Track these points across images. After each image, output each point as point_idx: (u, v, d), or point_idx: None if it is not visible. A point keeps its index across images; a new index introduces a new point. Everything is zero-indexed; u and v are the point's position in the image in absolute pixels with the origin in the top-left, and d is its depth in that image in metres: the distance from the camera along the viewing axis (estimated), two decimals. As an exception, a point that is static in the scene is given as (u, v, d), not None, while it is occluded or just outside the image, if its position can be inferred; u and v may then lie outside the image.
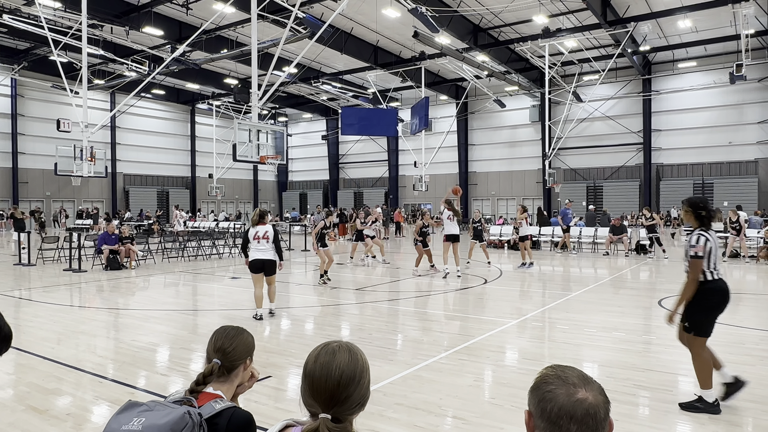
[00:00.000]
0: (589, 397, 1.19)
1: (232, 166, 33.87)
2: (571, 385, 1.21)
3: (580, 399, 1.19)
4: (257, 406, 4.41)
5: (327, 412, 1.43)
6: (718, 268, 4.50)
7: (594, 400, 1.19)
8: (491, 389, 5.11)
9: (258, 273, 8.15)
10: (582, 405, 1.18)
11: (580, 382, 1.22)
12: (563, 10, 25.94)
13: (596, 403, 1.19)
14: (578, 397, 1.19)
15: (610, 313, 8.59)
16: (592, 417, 1.17)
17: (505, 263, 16.31)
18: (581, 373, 1.26)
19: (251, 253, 8.17)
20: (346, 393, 1.44)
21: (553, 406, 1.19)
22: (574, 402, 1.18)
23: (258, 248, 8.12)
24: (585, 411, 1.18)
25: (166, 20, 26.33)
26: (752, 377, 5.36)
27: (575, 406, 1.18)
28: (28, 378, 5.37)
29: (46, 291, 11.02)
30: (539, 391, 1.24)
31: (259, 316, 8.13)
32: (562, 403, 1.18)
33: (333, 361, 1.46)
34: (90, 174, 18.87)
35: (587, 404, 1.18)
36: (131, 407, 1.67)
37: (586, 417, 1.17)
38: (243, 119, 15.91)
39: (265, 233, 8.14)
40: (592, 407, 1.18)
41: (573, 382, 1.22)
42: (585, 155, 38.34)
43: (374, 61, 31.74)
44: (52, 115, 33.02)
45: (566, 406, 1.18)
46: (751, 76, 30.09)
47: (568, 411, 1.18)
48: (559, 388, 1.21)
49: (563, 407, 1.18)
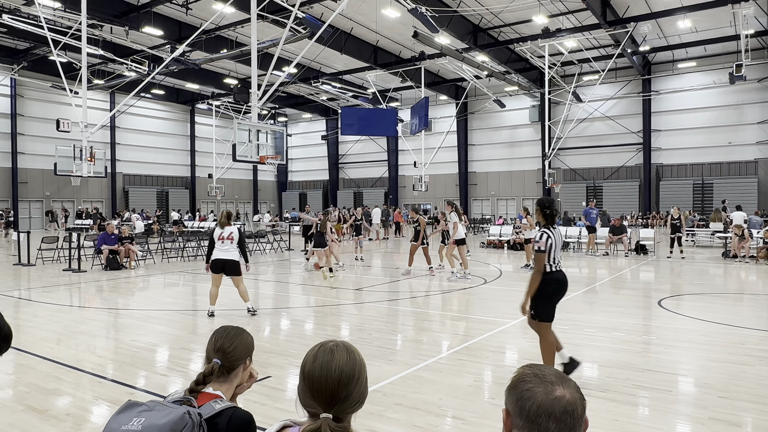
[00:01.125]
0: (566, 395, 1.20)
1: (232, 166, 33.86)
2: (548, 383, 1.22)
3: (558, 397, 1.19)
4: (257, 406, 4.41)
5: (328, 412, 1.43)
6: (558, 261, 5.08)
7: (571, 397, 1.20)
8: (491, 389, 5.11)
9: (218, 273, 8.28)
10: (560, 403, 1.19)
11: (557, 380, 1.23)
12: (563, 11, 25.93)
13: (574, 401, 1.20)
14: (556, 395, 1.19)
15: (609, 313, 8.59)
16: (569, 415, 1.18)
17: (504, 263, 16.31)
18: (557, 371, 1.27)
19: (215, 252, 8.30)
20: (346, 391, 1.45)
21: (531, 404, 1.19)
22: (552, 400, 1.19)
23: (221, 248, 8.25)
24: (563, 409, 1.18)
25: (165, 20, 26.32)
26: (752, 377, 5.37)
27: (553, 404, 1.18)
28: (28, 378, 5.37)
29: (46, 291, 11.02)
30: (517, 389, 1.24)
31: (211, 312, 8.35)
32: (541, 401, 1.19)
33: (332, 361, 1.47)
34: (89, 174, 18.85)
35: (565, 402, 1.19)
36: (131, 407, 1.66)
37: (564, 415, 1.18)
38: (243, 119, 15.90)
39: (230, 234, 8.27)
40: (569, 405, 1.19)
41: (550, 380, 1.23)
42: (585, 155, 38.34)
43: (374, 61, 31.73)
44: (51, 115, 32.99)
45: (545, 404, 1.18)
46: (750, 77, 30.08)
47: (547, 409, 1.18)
48: (537, 386, 1.21)
49: (542, 405, 1.18)
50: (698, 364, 5.93)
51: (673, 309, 8.85)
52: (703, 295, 10.63)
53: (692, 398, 4.92)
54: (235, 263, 8.24)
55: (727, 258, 16.68)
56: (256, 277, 13.55)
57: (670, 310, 8.77)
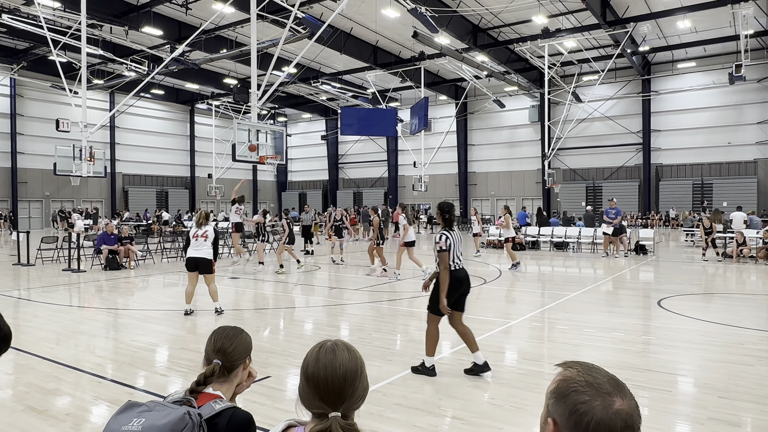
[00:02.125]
0: (625, 407, 1.09)
1: (232, 166, 33.87)
2: (606, 395, 1.10)
3: (618, 410, 1.08)
4: (256, 407, 4.41)
5: (336, 411, 1.45)
6: (459, 260, 5.58)
7: (629, 409, 1.10)
8: (490, 389, 5.11)
9: (192, 271, 8.44)
10: (620, 416, 1.08)
11: (614, 389, 1.11)
12: (563, 11, 25.94)
13: (632, 413, 1.10)
14: (616, 408, 1.09)
15: (609, 313, 8.59)
16: (630, 428, 1.08)
17: (504, 264, 16.31)
18: (610, 376, 1.15)
19: (189, 251, 8.47)
20: (351, 388, 1.48)
21: (590, 420, 1.07)
22: (612, 414, 1.08)
23: (195, 246, 8.39)
24: (624, 423, 1.08)
25: (165, 20, 26.31)
26: (752, 377, 5.37)
27: (614, 419, 1.07)
28: (27, 378, 5.36)
29: (45, 291, 11.01)
30: (569, 400, 1.11)
31: (190, 311, 8.48)
32: (600, 417, 1.07)
33: (335, 360, 1.48)
34: (89, 174, 18.83)
35: (625, 415, 1.08)
36: (131, 408, 1.66)
37: (626, 429, 1.08)
38: (242, 119, 15.89)
39: (204, 232, 8.45)
40: (630, 418, 1.09)
41: (607, 390, 1.11)
42: (584, 155, 38.35)
43: (374, 61, 31.73)
44: (51, 115, 32.99)
45: (605, 420, 1.07)
46: (750, 77, 30.09)
47: (608, 425, 1.07)
48: (594, 399, 1.09)
49: (602, 421, 1.07)
50: (698, 364, 5.93)
51: (673, 309, 8.85)
52: (702, 295, 10.64)
53: (692, 398, 4.92)
54: (207, 261, 8.35)
55: (726, 258, 16.66)
56: (255, 276, 13.54)
57: (670, 311, 8.77)
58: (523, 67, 33.23)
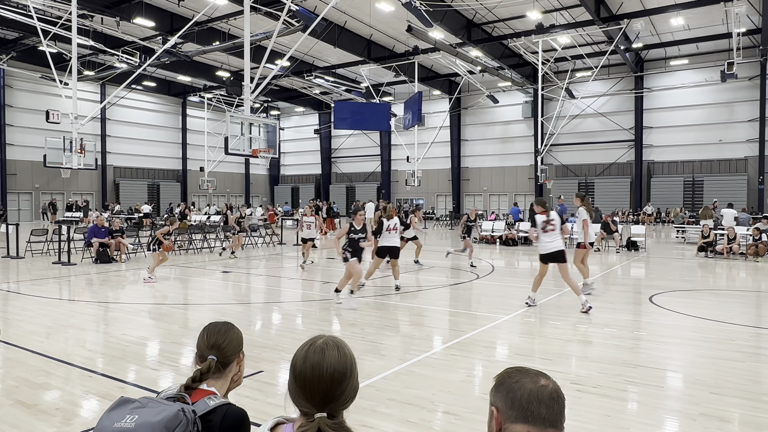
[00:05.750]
0: (550, 384, 1.33)
1: (224, 159, 33.66)
2: (533, 375, 1.35)
3: (544, 385, 1.32)
4: (249, 401, 4.39)
5: (322, 411, 1.41)
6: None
7: (554, 386, 1.33)
8: (483, 384, 5.12)
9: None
10: (546, 389, 1.31)
11: (539, 373, 1.36)
12: (557, 6, 25.94)
13: (557, 389, 1.33)
14: (541, 383, 1.32)
15: (601, 309, 8.63)
16: (556, 401, 1.31)
17: (497, 259, 16.35)
18: (536, 369, 1.40)
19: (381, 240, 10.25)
20: (339, 390, 1.43)
21: (522, 393, 1.30)
22: (539, 387, 1.31)
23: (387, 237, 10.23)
24: (550, 395, 1.30)
25: (157, 11, 26.04)
26: (742, 373, 5.41)
27: (541, 391, 1.30)
28: (17, 372, 5.31)
29: (35, 284, 10.92)
30: (505, 385, 1.35)
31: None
32: (530, 389, 1.30)
33: (323, 361, 1.43)
34: (79, 166, 18.67)
35: (551, 389, 1.32)
36: (123, 404, 1.64)
37: (552, 401, 1.30)
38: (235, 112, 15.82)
39: (395, 225, 10.35)
40: (554, 392, 1.32)
41: (534, 373, 1.36)
42: (577, 151, 38.48)
43: (367, 55, 31.60)
44: (41, 107, 32.62)
45: (534, 391, 1.30)
46: (741, 75, 30.27)
47: (537, 395, 1.30)
48: (524, 377, 1.34)
49: (531, 392, 1.30)
50: (689, 360, 5.97)
51: (665, 305, 8.91)
52: (694, 292, 10.71)
53: (683, 394, 4.95)
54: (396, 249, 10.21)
55: (716, 254, 16.77)
56: (248, 271, 13.50)
57: (662, 307, 8.83)
58: (516, 62, 33.23)
